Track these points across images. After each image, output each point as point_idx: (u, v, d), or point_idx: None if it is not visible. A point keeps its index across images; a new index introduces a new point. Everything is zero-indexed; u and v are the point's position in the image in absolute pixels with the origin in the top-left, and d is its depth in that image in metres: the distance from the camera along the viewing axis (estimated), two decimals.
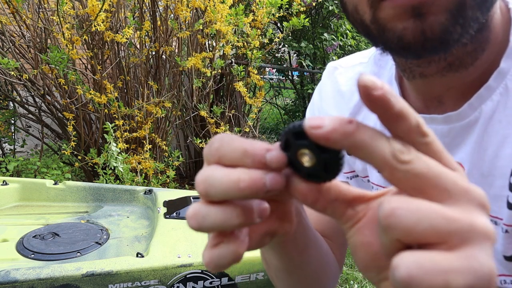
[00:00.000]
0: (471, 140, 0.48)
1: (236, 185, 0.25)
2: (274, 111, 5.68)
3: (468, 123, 0.48)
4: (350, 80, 0.66)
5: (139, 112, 3.00)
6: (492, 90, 0.47)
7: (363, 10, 0.43)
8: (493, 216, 0.47)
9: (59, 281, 1.10)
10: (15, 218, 1.61)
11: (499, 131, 0.46)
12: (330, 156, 0.26)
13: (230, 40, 3.16)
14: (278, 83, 5.80)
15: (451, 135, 0.50)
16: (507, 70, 0.46)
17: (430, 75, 0.47)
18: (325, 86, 0.69)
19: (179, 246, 1.30)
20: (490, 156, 0.47)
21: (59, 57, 2.35)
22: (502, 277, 0.49)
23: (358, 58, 0.68)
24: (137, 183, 2.76)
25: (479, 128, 0.48)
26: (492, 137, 0.47)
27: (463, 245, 0.22)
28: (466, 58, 0.45)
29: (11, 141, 3.37)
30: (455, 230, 0.22)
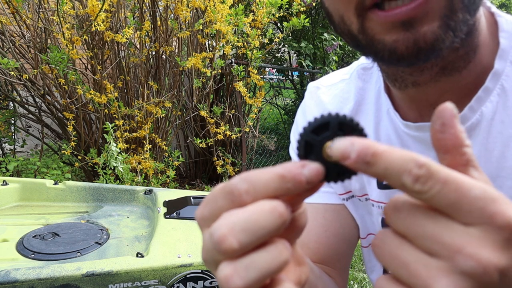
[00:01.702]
0: (476, 143, 0.48)
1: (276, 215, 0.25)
2: (274, 111, 5.68)
3: (471, 126, 0.48)
4: (335, 98, 0.65)
5: (139, 112, 3.00)
6: (490, 92, 0.47)
7: (350, 20, 0.42)
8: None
9: (59, 281, 1.10)
10: (15, 218, 1.61)
11: (502, 131, 0.46)
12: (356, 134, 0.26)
13: (230, 40, 3.16)
14: (278, 83, 5.80)
15: None
16: (501, 70, 0.46)
17: (424, 83, 0.46)
18: (309, 107, 0.68)
19: (179, 246, 1.30)
20: (497, 157, 0.47)
21: (59, 57, 2.35)
22: None
23: (339, 76, 0.67)
24: (137, 183, 2.76)
25: (483, 130, 0.47)
26: (496, 138, 0.46)
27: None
28: (459, 62, 0.45)
29: (11, 141, 3.37)
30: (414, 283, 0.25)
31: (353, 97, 0.62)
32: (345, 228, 0.63)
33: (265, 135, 5.75)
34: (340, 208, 0.63)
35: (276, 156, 5.03)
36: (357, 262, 2.72)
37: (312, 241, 0.61)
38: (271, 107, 5.51)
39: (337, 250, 0.62)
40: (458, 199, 0.24)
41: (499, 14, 0.49)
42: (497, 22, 0.48)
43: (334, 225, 0.62)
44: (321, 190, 0.60)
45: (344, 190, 0.64)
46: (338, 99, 0.64)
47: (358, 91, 0.61)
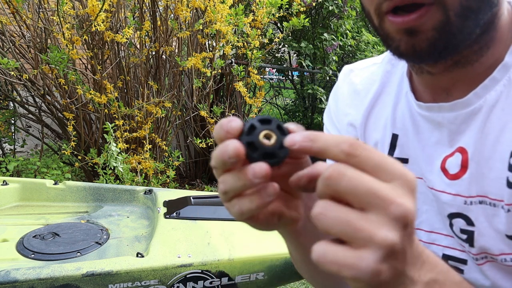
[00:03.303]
0: (474, 126, 0.53)
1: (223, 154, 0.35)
2: (274, 111, 5.68)
3: (473, 111, 0.52)
4: (364, 80, 0.70)
5: (139, 112, 3.00)
6: (497, 82, 0.51)
7: (373, 17, 0.51)
8: (493, 199, 0.51)
9: (59, 281, 1.10)
10: (15, 218, 1.61)
11: (501, 118, 0.51)
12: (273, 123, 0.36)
13: (230, 40, 3.16)
14: (278, 83, 5.80)
15: (457, 121, 0.54)
16: (511, 64, 0.50)
17: (438, 73, 0.53)
18: (341, 88, 0.74)
19: (179, 246, 1.30)
20: (492, 141, 0.51)
21: (59, 57, 2.35)
22: (503, 255, 0.52)
23: (373, 60, 0.73)
24: (137, 183, 2.76)
25: (483, 115, 0.52)
26: (494, 124, 0.51)
27: (361, 248, 0.30)
28: (472, 56, 0.51)
29: (11, 141, 3.37)
30: (357, 237, 0.30)
31: (379, 79, 0.67)
32: None
33: None
34: None
35: None
36: None
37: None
38: (271, 107, 5.51)
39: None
40: (380, 162, 0.32)
41: None
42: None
43: None
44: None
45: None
46: (367, 80, 0.70)
47: (385, 74, 0.67)
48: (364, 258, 0.30)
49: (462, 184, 0.54)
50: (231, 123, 0.35)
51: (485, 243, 0.53)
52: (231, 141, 0.34)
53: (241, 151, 0.34)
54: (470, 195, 0.53)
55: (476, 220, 0.53)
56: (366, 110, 0.67)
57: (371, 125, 0.66)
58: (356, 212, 0.31)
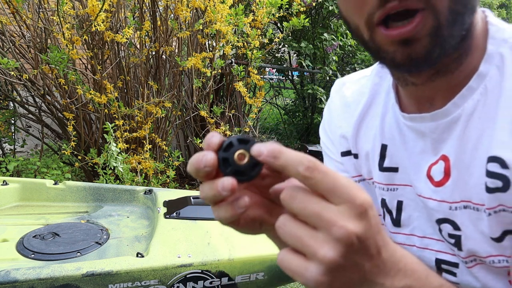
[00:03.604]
0: (455, 135, 0.55)
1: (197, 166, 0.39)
2: (274, 111, 5.68)
3: (452, 119, 0.55)
4: (355, 92, 0.73)
5: (139, 112, 3.00)
6: (473, 90, 0.53)
7: (362, 30, 0.50)
8: (476, 203, 0.53)
9: (59, 281, 1.10)
10: (15, 218, 1.61)
11: (478, 126, 0.53)
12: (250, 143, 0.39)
13: (230, 40, 3.16)
14: (278, 83, 5.80)
15: (438, 131, 0.56)
16: (486, 72, 0.53)
17: (421, 83, 0.54)
18: (334, 101, 0.76)
19: (179, 246, 1.30)
20: (471, 148, 0.54)
21: (59, 57, 2.35)
22: (491, 257, 0.54)
23: (363, 73, 0.75)
24: (137, 183, 2.76)
25: (462, 123, 0.54)
26: (472, 132, 0.53)
27: (309, 260, 0.36)
28: (452, 64, 0.53)
29: (11, 141, 3.37)
30: (307, 251, 0.36)
31: (368, 91, 0.70)
32: None
33: (265, 135, 5.75)
34: None
35: None
36: None
37: None
38: (271, 107, 5.51)
39: None
40: (332, 186, 0.36)
41: (491, 23, 0.55)
42: (488, 30, 0.55)
43: None
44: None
45: (356, 173, 0.72)
46: (357, 93, 0.72)
47: (373, 86, 0.69)
48: (309, 270, 0.36)
49: (446, 191, 0.56)
50: (212, 138, 0.40)
51: (472, 247, 0.55)
52: (208, 152, 0.39)
53: (214, 163, 0.38)
54: (454, 200, 0.56)
55: (462, 225, 0.55)
56: (356, 122, 0.69)
57: (361, 136, 0.69)
58: (308, 229, 0.36)
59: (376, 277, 0.39)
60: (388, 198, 0.65)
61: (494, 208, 0.51)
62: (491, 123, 0.52)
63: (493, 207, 0.51)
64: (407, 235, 0.64)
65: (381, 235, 0.39)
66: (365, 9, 0.47)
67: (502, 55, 0.53)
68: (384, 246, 0.39)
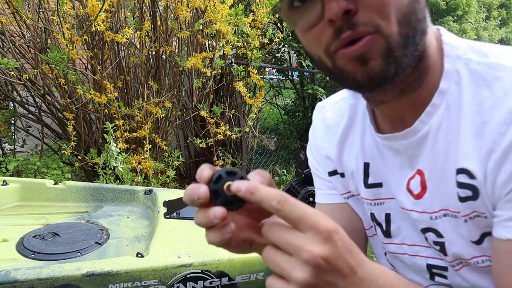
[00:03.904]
0: (426, 150, 0.59)
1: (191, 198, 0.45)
2: (274, 111, 5.67)
3: (422, 136, 0.59)
4: (334, 114, 0.76)
5: (139, 112, 3.00)
6: (437, 107, 0.57)
7: (325, 60, 0.54)
8: (453, 211, 0.58)
9: (59, 281, 1.10)
10: (15, 218, 1.61)
11: (446, 139, 0.57)
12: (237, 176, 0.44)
13: (230, 40, 3.16)
14: (278, 83, 5.80)
15: (411, 147, 0.61)
16: (446, 89, 0.57)
17: (389, 100, 0.59)
18: (316, 124, 0.80)
19: (179, 246, 1.30)
20: (441, 161, 0.57)
21: (59, 57, 2.35)
22: (475, 258, 0.58)
23: (341, 95, 0.78)
24: (137, 183, 2.76)
25: (431, 139, 0.58)
26: (441, 146, 0.57)
27: (288, 282, 0.42)
28: (414, 83, 0.57)
29: (11, 141, 3.37)
30: (285, 274, 0.42)
31: (347, 113, 0.73)
32: (352, 221, 0.75)
33: (265, 135, 5.75)
34: (344, 205, 0.76)
35: (276, 156, 5.03)
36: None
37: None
38: (271, 107, 5.51)
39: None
40: (300, 216, 0.42)
41: (445, 42, 0.59)
42: (443, 49, 0.59)
43: (341, 220, 0.75)
44: (328, 193, 0.77)
45: (345, 190, 0.76)
46: (336, 115, 0.76)
47: (351, 107, 0.73)
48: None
49: (425, 202, 0.61)
50: (203, 171, 0.45)
51: (456, 251, 0.59)
52: (201, 185, 0.44)
53: (207, 196, 0.43)
54: (433, 211, 0.60)
55: (444, 232, 0.60)
56: (338, 143, 0.73)
57: (345, 156, 0.73)
58: (284, 255, 0.43)
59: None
60: (377, 212, 0.70)
61: (469, 215, 0.56)
62: (456, 136, 0.56)
63: (468, 214, 0.56)
64: (398, 244, 0.68)
65: (353, 256, 0.44)
66: (323, 41, 0.52)
67: (458, 71, 0.57)
68: (359, 265, 0.44)
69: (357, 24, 0.49)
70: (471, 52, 0.57)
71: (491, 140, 0.52)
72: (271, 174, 4.57)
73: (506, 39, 7.13)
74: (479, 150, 0.53)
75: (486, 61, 0.56)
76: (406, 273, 0.70)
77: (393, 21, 0.50)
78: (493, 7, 6.99)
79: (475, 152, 0.54)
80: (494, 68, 0.55)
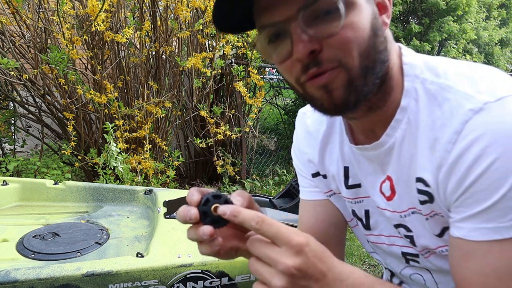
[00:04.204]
0: (393, 159, 0.67)
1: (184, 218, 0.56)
2: (274, 111, 5.67)
3: (389, 147, 0.67)
4: (314, 121, 0.83)
5: (139, 112, 3.00)
6: (399, 122, 0.65)
7: (297, 87, 0.62)
8: (419, 210, 0.67)
9: (59, 281, 1.10)
10: (15, 218, 1.61)
11: (408, 151, 0.65)
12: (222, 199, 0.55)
13: (230, 40, 3.15)
14: (278, 83, 5.79)
15: (380, 157, 0.69)
16: (406, 106, 0.64)
17: (359, 117, 0.67)
18: (298, 130, 0.87)
19: (179, 246, 1.30)
20: (406, 169, 0.66)
21: (59, 57, 2.35)
22: (439, 248, 0.68)
23: None
24: (137, 183, 2.76)
25: (397, 149, 0.66)
26: (405, 156, 0.65)
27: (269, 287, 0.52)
28: (379, 102, 0.65)
29: (11, 141, 3.37)
30: (266, 282, 0.52)
31: (325, 120, 0.80)
32: (332, 216, 0.86)
33: (265, 135, 5.75)
34: (326, 202, 0.86)
35: (276, 156, 5.03)
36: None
37: (307, 228, 0.87)
38: (271, 107, 5.50)
39: (327, 232, 0.85)
40: (275, 233, 0.51)
41: (405, 62, 0.66)
42: (403, 69, 0.66)
43: (322, 214, 0.86)
44: (311, 191, 0.86)
45: (327, 189, 0.85)
46: (316, 122, 0.82)
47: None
48: None
49: (395, 204, 0.70)
50: (193, 196, 0.56)
51: (423, 242, 0.69)
52: (192, 208, 0.55)
53: (197, 217, 0.54)
54: (403, 210, 0.69)
55: (412, 227, 0.70)
56: (319, 149, 0.81)
57: (326, 160, 0.81)
58: (265, 266, 0.52)
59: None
60: (357, 209, 0.79)
61: (429, 214, 0.66)
62: (415, 149, 0.64)
63: (428, 213, 0.66)
64: (377, 235, 0.79)
65: (323, 262, 0.53)
66: (293, 74, 0.60)
67: (416, 90, 0.64)
68: (329, 270, 0.53)
69: (322, 61, 0.57)
70: (426, 72, 0.64)
71: (441, 155, 0.60)
72: (271, 174, 4.58)
73: (506, 39, 7.13)
74: (432, 163, 0.61)
75: (438, 82, 0.62)
76: (386, 258, 0.82)
77: (354, 56, 0.56)
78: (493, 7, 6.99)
79: (429, 164, 0.62)
80: (444, 89, 0.61)
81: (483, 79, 0.60)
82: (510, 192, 0.53)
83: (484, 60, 6.47)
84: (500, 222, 0.55)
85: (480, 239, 0.56)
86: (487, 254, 0.56)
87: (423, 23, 5.22)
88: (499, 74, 0.61)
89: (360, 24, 0.57)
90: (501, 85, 0.58)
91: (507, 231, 0.54)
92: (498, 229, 0.55)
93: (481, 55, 6.38)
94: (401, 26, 5.30)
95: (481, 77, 0.60)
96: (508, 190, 0.53)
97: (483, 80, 0.59)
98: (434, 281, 0.74)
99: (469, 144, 0.56)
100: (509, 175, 0.53)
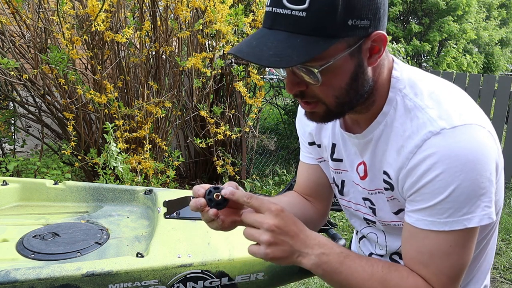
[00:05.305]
0: (370, 150, 0.85)
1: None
2: (274, 111, 5.67)
3: (368, 140, 0.85)
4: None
5: (139, 112, 3.00)
6: (379, 123, 0.82)
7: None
8: (382, 192, 0.86)
9: (59, 281, 1.10)
10: (15, 218, 1.61)
11: (382, 147, 0.83)
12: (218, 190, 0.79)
13: (230, 40, 3.15)
14: (278, 83, 5.79)
15: (361, 145, 0.87)
16: (387, 112, 0.81)
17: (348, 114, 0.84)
18: (299, 115, 1.07)
19: (179, 246, 1.30)
20: (378, 161, 0.84)
21: (59, 57, 2.35)
22: (393, 222, 0.88)
23: None
24: (137, 183, 2.75)
25: (373, 143, 0.84)
26: (379, 151, 0.83)
27: (260, 245, 0.75)
28: (363, 110, 0.82)
29: (11, 141, 3.37)
30: (257, 240, 0.75)
31: None
32: (320, 178, 1.07)
33: (265, 135, 5.74)
34: (316, 166, 1.07)
35: (276, 156, 5.03)
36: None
37: (301, 184, 1.11)
38: (271, 107, 5.51)
39: (315, 189, 1.09)
40: (260, 205, 0.75)
41: (394, 76, 0.81)
42: (391, 81, 0.80)
43: (314, 175, 1.08)
44: (307, 156, 1.07)
45: (319, 156, 1.04)
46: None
47: None
48: (261, 249, 0.74)
49: (366, 183, 0.89)
50: (199, 191, 0.80)
51: (382, 215, 0.90)
52: (201, 199, 0.78)
53: (205, 203, 0.78)
54: (371, 189, 0.89)
55: (376, 203, 0.90)
56: (318, 125, 0.99)
57: (322, 134, 1.00)
58: (254, 230, 0.75)
59: (300, 248, 0.75)
60: (336, 178, 0.99)
61: (390, 197, 0.85)
62: (386, 148, 0.81)
63: (389, 197, 0.85)
64: (347, 201, 0.99)
65: (295, 225, 0.76)
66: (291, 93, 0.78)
67: (397, 101, 0.80)
68: (301, 231, 0.76)
69: (306, 96, 0.76)
70: (408, 88, 0.80)
71: (403, 160, 0.77)
72: (271, 174, 4.58)
73: (506, 39, 7.13)
74: (396, 163, 0.79)
75: (414, 100, 0.78)
76: (351, 218, 1.04)
77: (331, 99, 0.74)
78: (493, 7, 6.99)
79: (394, 163, 0.79)
80: (417, 108, 0.77)
81: (449, 107, 0.74)
82: (447, 198, 0.71)
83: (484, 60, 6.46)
84: (438, 218, 0.73)
85: (422, 227, 0.75)
86: (425, 238, 0.75)
87: (423, 23, 5.22)
88: (465, 103, 0.76)
89: (337, 81, 0.72)
90: (460, 115, 0.73)
91: (442, 225, 0.73)
92: (435, 223, 0.74)
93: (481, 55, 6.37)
94: (401, 26, 5.29)
95: (449, 104, 0.75)
96: (446, 197, 0.71)
97: (449, 107, 0.74)
98: (384, 240, 0.96)
99: (424, 158, 0.73)
100: (448, 186, 0.70)
